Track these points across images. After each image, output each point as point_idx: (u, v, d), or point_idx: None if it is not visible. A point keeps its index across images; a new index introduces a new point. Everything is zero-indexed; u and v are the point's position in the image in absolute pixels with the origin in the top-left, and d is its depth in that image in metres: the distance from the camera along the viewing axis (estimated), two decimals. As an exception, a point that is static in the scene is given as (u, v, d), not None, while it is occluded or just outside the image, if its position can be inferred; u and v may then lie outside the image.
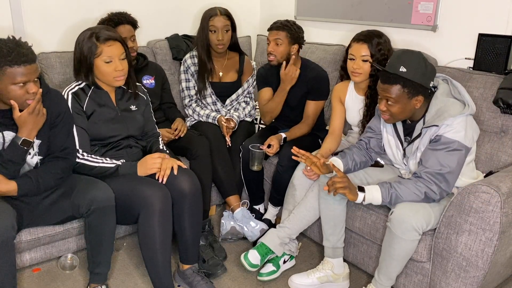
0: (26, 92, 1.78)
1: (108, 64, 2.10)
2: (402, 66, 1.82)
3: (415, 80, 1.82)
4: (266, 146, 2.53)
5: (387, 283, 2.00)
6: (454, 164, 1.84)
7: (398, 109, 1.89)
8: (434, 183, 1.85)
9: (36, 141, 1.95)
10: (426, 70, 1.86)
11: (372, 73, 2.28)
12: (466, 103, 1.88)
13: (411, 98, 1.86)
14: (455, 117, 1.83)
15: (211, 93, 2.90)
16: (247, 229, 2.54)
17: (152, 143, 2.34)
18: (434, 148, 1.86)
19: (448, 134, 1.83)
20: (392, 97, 1.86)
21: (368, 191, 1.94)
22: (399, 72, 1.82)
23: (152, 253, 2.00)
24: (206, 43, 2.80)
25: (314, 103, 2.66)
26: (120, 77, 2.14)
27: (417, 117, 1.97)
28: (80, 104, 2.13)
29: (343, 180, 1.94)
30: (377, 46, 2.25)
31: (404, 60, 1.84)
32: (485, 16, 2.43)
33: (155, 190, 2.00)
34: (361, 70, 2.28)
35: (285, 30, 2.55)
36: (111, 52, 2.09)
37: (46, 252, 2.24)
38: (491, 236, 1.74)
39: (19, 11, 2.72)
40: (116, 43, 2.11)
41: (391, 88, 1.86)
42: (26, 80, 1.76)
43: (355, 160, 2.14)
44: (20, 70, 1.73)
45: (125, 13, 2.66)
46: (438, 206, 1.91)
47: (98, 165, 2.09)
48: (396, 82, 1.84)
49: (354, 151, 2.16)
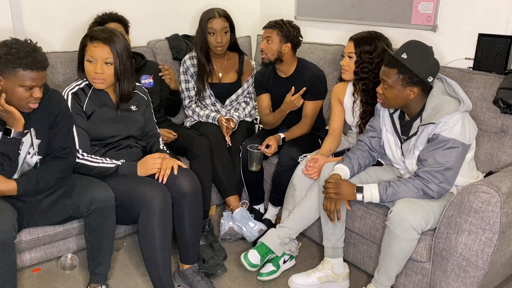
0: (31, 95, 1.81)
1: (90, 64, 2.08)
2: (405, 53, 1.88)
3: (412, 68, 1.86)
4: (264, 146, 2.54)
5: (387, 283, 2.00)
6: (452, 161, 1.86)
7: (391, 95, 1.94)
8: (432, 181, 1.86)
9: (36, 141, 1.95)
10: (427, 63, 1.88)
11: (355, 70, 2.31)
12: (461, 100, 1.90)
13: (405, 86, 1.90)
14: (451, 114, 1.85)
15: (210, 95, 2.90)
16: (245, 230, 2.54)
17: (152, 144, 2.34)
18: (432, 148, 1.88)
19: (445, 132, 1.86)
20: (387, 80, 1.92)
21: (366, 191, 1.97)
22: (399, 58, 1.87)
23: (152, 253, 2.00)
24: (205, 45, 2.79)
25: (312, 103, 2.66)
26: (97, 79, 2.09)
27: (413, 111, 1.99)
28: (80, 104, 2.13)
29: (333, 186, 2.00)
30: (362, 45, 2.28)
31: (408, 48, 1.90)
32: (485, 16, 2.43)
33: (155, 190, 2.00)
34: (347, 67, 2.33)
35: (276, 29, 2.58)
36: (95, 53, 2.06)
37: (46, 252, 2.24)
38: (491, 236, 1.74)
39: (19, 11, 2.72)
40: (103, 46, 2.06)
41: (388, 71, 1.92)
42: (34, 85, 1.80)
43: (360, 164, 2.15)
44: (31, 75, 1.77)
45: (110, 13, 2.67)
46: (437, 205, 1.91)
47: (98, 165, 2.09)
48: (394, 66, 1.90)
49: (358, 154, 2.16)
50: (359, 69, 2.29)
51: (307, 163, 2.31)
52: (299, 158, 2.48)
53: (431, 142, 1.89)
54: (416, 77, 1.88)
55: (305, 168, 2.33)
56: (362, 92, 2.33)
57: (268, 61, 2.63)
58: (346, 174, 2.11)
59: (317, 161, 2.29)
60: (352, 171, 2.12)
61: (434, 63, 1.92)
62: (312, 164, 2.29)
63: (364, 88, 2.31)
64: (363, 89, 2.32)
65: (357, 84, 2.33)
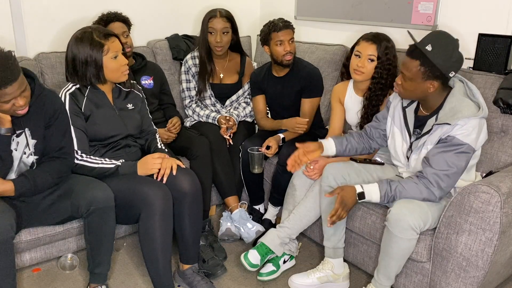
0: (13, 105, 1.76)
1: (115, 60, 2.10)
2: (430, 44, 1.80)
3: (434, 62, 1.79)
4: (264, 147, 2.53)
5: (386, 283, 2.00)
6: (462, 166, 1.83)
7: (410, 86, 1.88)
8: (437, 185, 1.84)
9: (31, 141, 1.95)
10: (451, 57, 1.81)
11: (374, 76, 2.28)
12: (480, 106, 1.86)
13: (425, 79, 1.84)
14: (469, 118, 1.81)
15: (210, 95, 2.90)
16: (243, 230, 2.54)
17: (150, 141, 2.34)
18: (443, 149, 1.84)
19: (461, 136, 1.81)
20: (407, 72, 1.85)
21: (367, 195, 1.96)
22: (423, 49, 1.80)
23: (152, 253, 2.00)
24: (206, 45, 2.80)
25: (309, 101, 2.65)
26: (126, 71, 2.16)
27: (430, 106, 1.94)
28: (78, 105, 2.12)
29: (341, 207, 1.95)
30: (385, 50, 2.26)
31: (434, 40, 1.82)
32: (485, 16, 2.43)
33: (156, 190, 2.00)
34: (365, 69, 2.28)
35: (291, 28, 2.59)
36: (116, 47, 2.11)
37: (46, 252, 2.24)
38: (491, 236, 1.74)
39: (19, 11, 2.72)
40: (116, 39, 2.13)
41: (409, 62, 1.84)
42: (13, 98, 1.74)
43: (352, 144, 2.13)
44: (6, 91, 1.69)
45: (115, 12, 2.67)
46: (436, 205, 1.90)
47: (98, 166, 2.08)
48: (416, 58, 1.83)
49: (354, 135, 2.17)
50: (379, 74, 2.26)
51: (307, 166, 2.31)
52: (299, 158, 2.48)
53: (443, 143, 1.85)
54: (438, 71, 1.81)
55: (305, 169, 2.32)
56: (369, 91, 2.32)
57: (292, 62, 2.62)
58: (332, 149, 2.12)
59: (317, 162, 2.29)
60: (339, 144, 2.13)
61: (459, 58, 1.84)
62: (312, 167, 2.29)
63: (371, 87, 2.31)
64: (370, 88, 2.32)
65: (371, 85, 2.32)
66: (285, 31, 2.54)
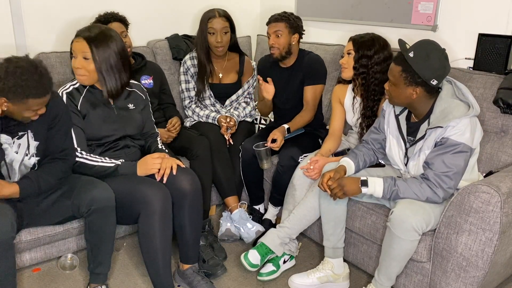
0: (35, 113, 1.84)
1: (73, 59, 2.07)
2: (413, 52, 1.85)
3: (414, 68, 1.84)
4: (270, 141, 2.51)
5: (387, 283, 2.00)
6: (461, 165, 1.84)
7: (394, 92, 1.94)
8: (440, 186, 1.84)
9: (34, 143, 1.95)
10: (432, 65, 1.84)
11: (355, 66, 2.31)
12: (470, 105, 1.88)
13: (407, 85, 1.89)
14: (460, 118, 1.83)
15: (209, 96, 2.90)
16: (243, 231, 2.54)
17: (150, 143, 2.34)
18: (440, 151, 1.85)
19: (455, 136, 1.83)
20: (391, 77, 1.93)
21: (371, 185, 1.95)
22: (406, 56, 1.86)
23: (152, 253, 2.00)
24: (205, 45, 2.79)
25: (311, 88, 2.63)
26: (78, 74, 2.08)
27: (420, 112, 1.97)
28: (74, 103, 2.12)
29: (339, 188, 1.97)
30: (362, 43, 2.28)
31: (418, 48, 1.87)
32: (485, 16, 2.43)
33: (155, 190, 2.00)
34: (347, 64, 2.33)
35: (283, 21, 2.56)
36: (74, 47, 2.06)
37: (46, 252, 2.24)
38: (491, 236, 1.74)
39: (19, 11, 2.72)
40: (79, 39, 2.05)
41: (393, 68, 1.91)
42: (41, 107, 1.83)
43: (365, 160, 2.15)
44: (39, 101, 1.80)
45: (112, 12, 2.67)
46: (438, 207, 1.90)
47: (98, 164, 2.08)
48: (399, 64, 1.89)
49: (364, 151, 2.17)
50: (358, 64, 2.29)
51: (307, 167, 2.31)
52: (299, 158, 2.48)
53: (440, 146, 1.87)
54: (419, 78, 1.85)
55: (306, 170, 2.32)
56: (362, 86, 2.33)
57: (279, 56, 2.60)
58: (351, 168, 2.10)
59: (317, 162, 2.29)
60: (357, 166, 2.12)
61: (442, 67, 1.87)
62: (312, 167, 2.29)
63: (363, 82, 2.31)
64: (363, 83, 2.32)
65: (356, 79, 2.33)
66: (271, 25, 2.59)
